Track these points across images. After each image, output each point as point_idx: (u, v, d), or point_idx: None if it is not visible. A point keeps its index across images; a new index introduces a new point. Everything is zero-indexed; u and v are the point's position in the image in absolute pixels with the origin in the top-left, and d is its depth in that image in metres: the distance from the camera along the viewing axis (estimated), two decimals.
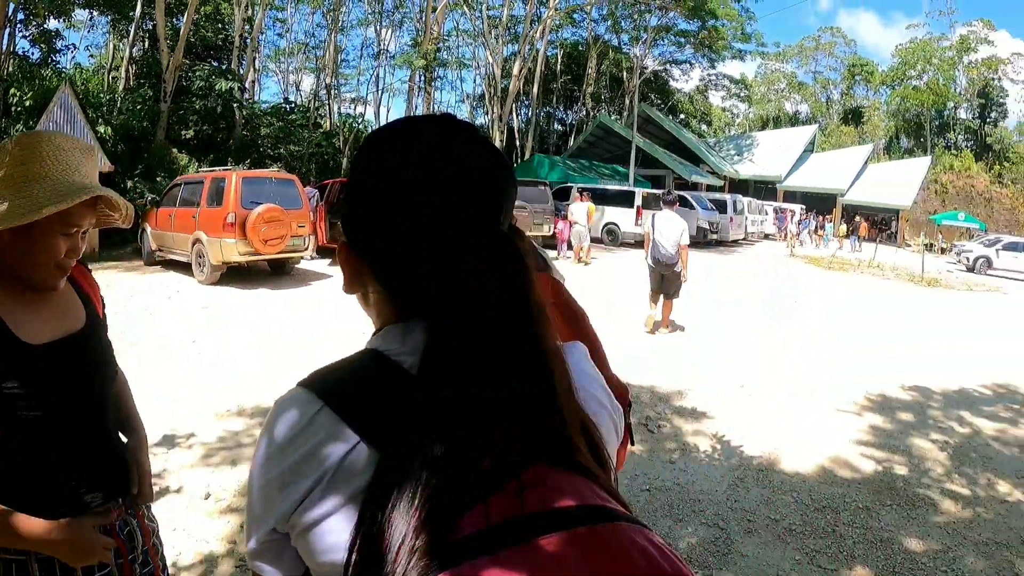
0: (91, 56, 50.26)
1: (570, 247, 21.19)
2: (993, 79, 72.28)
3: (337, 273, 15.71)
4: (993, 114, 73.84)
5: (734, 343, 11.14)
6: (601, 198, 26.62)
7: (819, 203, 48.07)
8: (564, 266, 20.04)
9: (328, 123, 42.93)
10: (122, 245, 19.34)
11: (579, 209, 20.59)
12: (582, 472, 0.83)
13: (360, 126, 44.06)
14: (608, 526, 0.75)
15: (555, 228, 20.67)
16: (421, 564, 0.71)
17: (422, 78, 38.98)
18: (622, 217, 26.35)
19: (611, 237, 26.55)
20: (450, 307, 0.89)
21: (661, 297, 11.37)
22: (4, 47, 23.31)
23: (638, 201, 25.97)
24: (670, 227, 10.88)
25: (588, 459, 0.86)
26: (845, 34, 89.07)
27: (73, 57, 35.64)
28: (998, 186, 54.92)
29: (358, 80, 55.57)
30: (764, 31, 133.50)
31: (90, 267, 1.94)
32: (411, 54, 41.28)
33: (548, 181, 21.32)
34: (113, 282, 14.26)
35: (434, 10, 38.32)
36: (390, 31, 51.25)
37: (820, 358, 10.42)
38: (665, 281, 11.15)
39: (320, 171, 30.14)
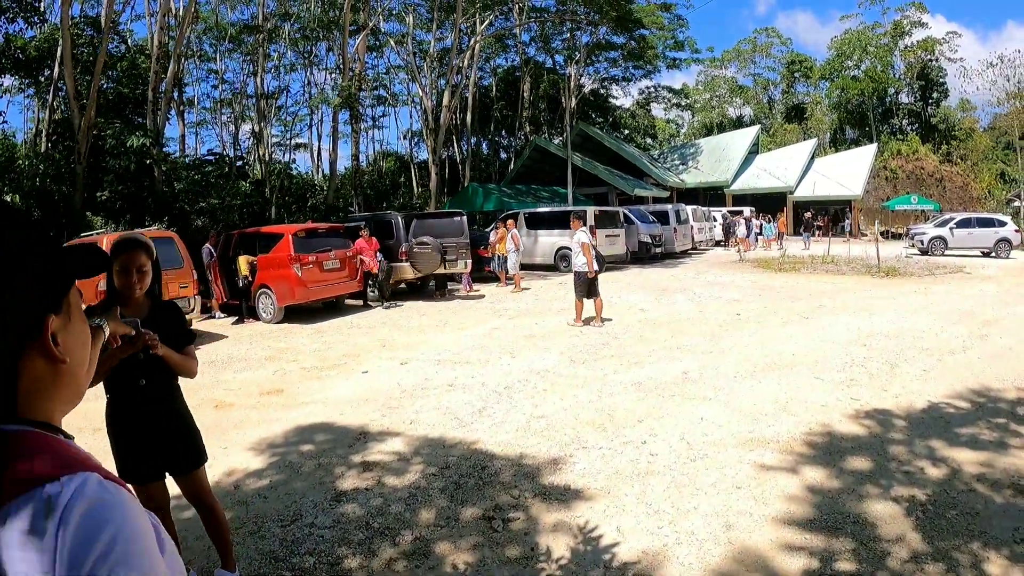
0: (4, 122, 49.97)
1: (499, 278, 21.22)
2: (931, 60, 71.86)
3: (238, 332, 14.38)
4: (935, 94, 73.32)
5: (652, 377, 9.22)
6: (545, 222, 25.52)
7: (769, 203, 47.02)
8: (495, 293, 18.96)
9: (260, 171, 41.72)
10: None
11: (518, 235, 20.56)
12: None
13: (294, 172, 43.11)
14: None
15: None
16: None
17: (351, 117, 37.61)
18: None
19: (565, 263, 24.17)
20: None
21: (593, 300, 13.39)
22: None
23: (591, 221, 24.20)
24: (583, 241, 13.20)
25: None
26: (780, 34, 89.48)
27: None
28: (948, 165, 54.30)
29: (297, 126, 54.61)
30: (701, 38, 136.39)
31: None
32: (325, 93, 40.16)
33: (463, 212, 19.84)
34: None
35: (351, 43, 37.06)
36: (325, 73, 50.26)
37: (750, 391, 8.41)
38: (593, 284, 13.25)
39: (253, 221, 28.76)
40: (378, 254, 17.41)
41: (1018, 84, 45.97)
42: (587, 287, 13.30)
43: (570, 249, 23.14)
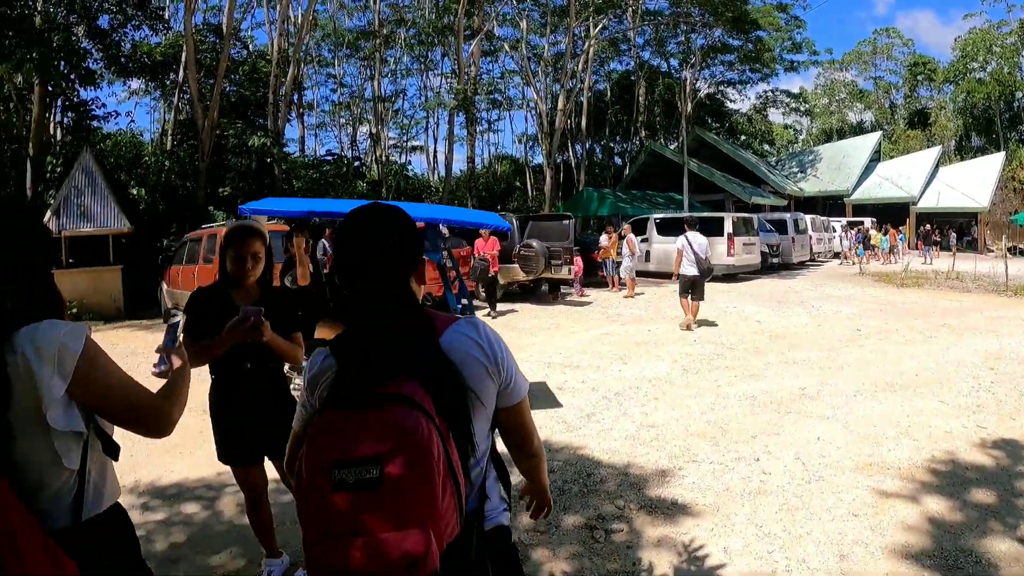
0: (132, 121, 53.21)
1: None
2: None
3: None
4: None
5: (767, 391, 8.96)
6: (672, 228, 24.34)
7: (891, 214, 44.82)
8: (606, 298, 18.88)
9: (376, 172, 42.64)
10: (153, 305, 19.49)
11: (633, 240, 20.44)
12: (433, 382, 1.76)
13: (410, 174, 43.89)
14: (397, 407, 1.66)
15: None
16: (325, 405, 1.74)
17: (466, 120, 38.05)
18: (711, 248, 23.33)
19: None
20: (353, 309, 1.95)
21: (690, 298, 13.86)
22: (47, 119, 25.51)
23: (729, 228, 23.59)
24: (699, 243, 13.80)
25: (437, 379, 1.79)
26: (901, 34, 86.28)
27: (115, 123, 37.19)
28: None
29: (413, 129, 55.63)
30: (820, 40, 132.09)
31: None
32: (441, 96, 40.77)
33: (573, 215, 19.78)
34: (122, 340, 14.31)
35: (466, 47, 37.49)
36: (440, 78, 51.15)
37: (869, 412, 8.04)
38: (695, 286, 13.79)
39: None
40: (475, 256, 17.23)
41: None
42: (687, 287, 13.87)
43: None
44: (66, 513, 2.04)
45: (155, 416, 2.21)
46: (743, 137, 64.65)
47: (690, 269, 13.67)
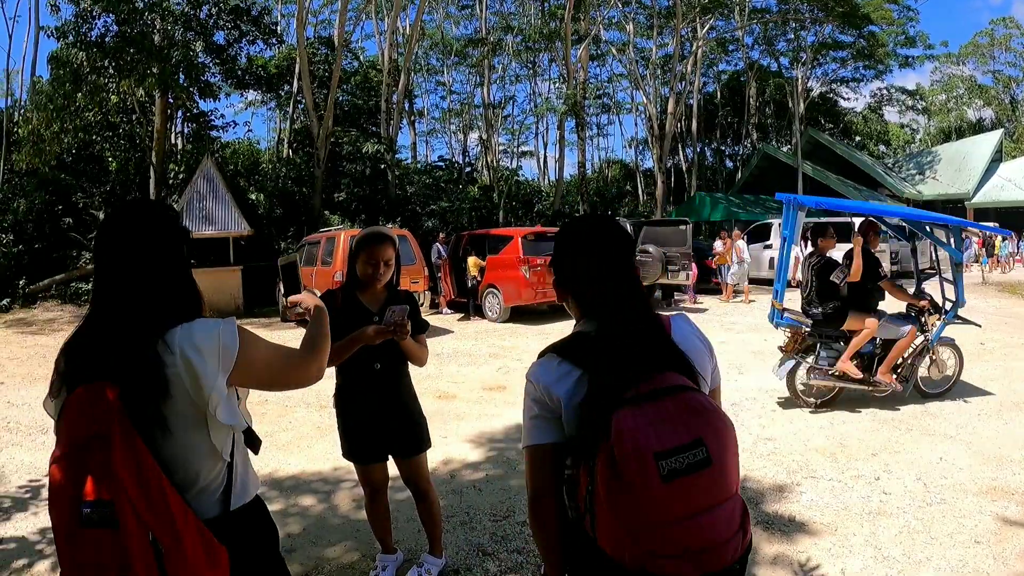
0: (249, 131, 55.22)
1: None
2: None
3: (464, 329, 14.74)
4: None
5: (886, 408, 8.59)
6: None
7: (1016, 219, 41.50)
8: (720, 306, 18.59)
9: (487, 177, 43.10)
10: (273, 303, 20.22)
11: (743, 247, 20.25)
12: (683, 373, 1.93)
13: (521, 179, 44.26)
14: (688, 394, 1.82)
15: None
16: (605, 408, 1.78)
17: (576, 125, 38.13)
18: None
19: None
20: (603, 309, 2.04)
21: None
22: (169, 129, 26.92)
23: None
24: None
25: (684, 369, 1.96)
26: (1020, 24, 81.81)
27: (234, 133, 38.91)
28: None
29: (523, 134, 56.10)
30: (934, 32, 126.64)
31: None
32: (551, 102, 40.91)
33: (690, 220, 19.55)
34: None
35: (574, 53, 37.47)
36: (549, 83, 51.46)
37: (995, 432, 7.64)
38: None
39: (481, 224, 30.28)
40: None
41: None
42: None
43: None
44: (216, 504, 2.14)
45: (304, 369, 2.34)
46: (858, 138, 62.91)
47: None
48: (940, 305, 8.91)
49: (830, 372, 8.30)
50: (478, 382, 10.38)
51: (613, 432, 1.73)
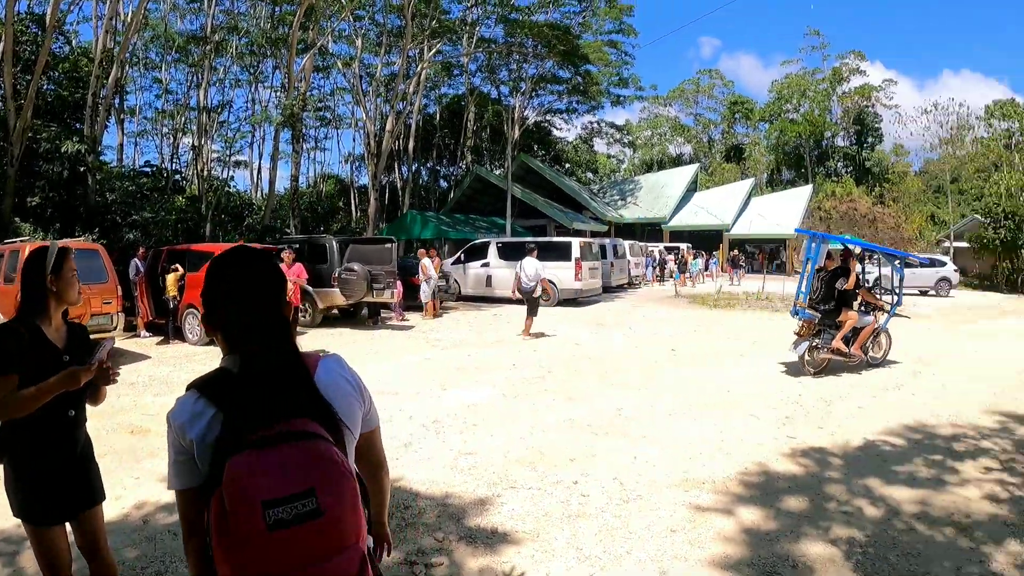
0: None
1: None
2: (867, 106, 75.37)
3: (162, 353, 13.73)
4: (870, 139, 76.88)
5: (585, 414, 8.95)
6: (523, 250, 24.17)
7: (706, 240, 48.43)
8: (427, 322, 18.77)
9: (197, 187, 40.75)
10: None
11: (428, 264, 20.28)
12: (319, 419, 1.83)
13: (232, 189, 42.46)
14: (313, 442, 1.73)
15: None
16: (227, 451, 1.69)
17: (292, 137, 36.97)
18: (559, 273, 23.08)
19: (546, 296, 21.57)
20: (246, 346, 1.92)
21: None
22: None
23: (576, 253, 23.47)
24: (531, 268, 16.32)
25: (321, 415, 1.85)
26: (723, 76, 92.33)
27: None
28: (880, 207, 56.29)
29: (238, 143, 53.68)
30: (647, 76, 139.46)
31: None
32: (268, 112, 39.66)
33: (394, 238, 19.17)
34: None
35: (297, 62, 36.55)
36: (270, 91, 49.60)
37: (685, 430, 8.20)
38: (528, 304, 16.27)
39: (188, 238, 28.32)
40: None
41: (950, 131, 47.87)
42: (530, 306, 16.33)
43: (553, 283, 22.51)
44: None
45: None
46: (568, 165, 66.26)
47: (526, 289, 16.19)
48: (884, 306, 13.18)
49: (828, 349, 11.68)
50: None
51: (225, 476, 1.67)
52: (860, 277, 12.43)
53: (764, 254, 50.35)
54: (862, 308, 12.45)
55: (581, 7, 49.37)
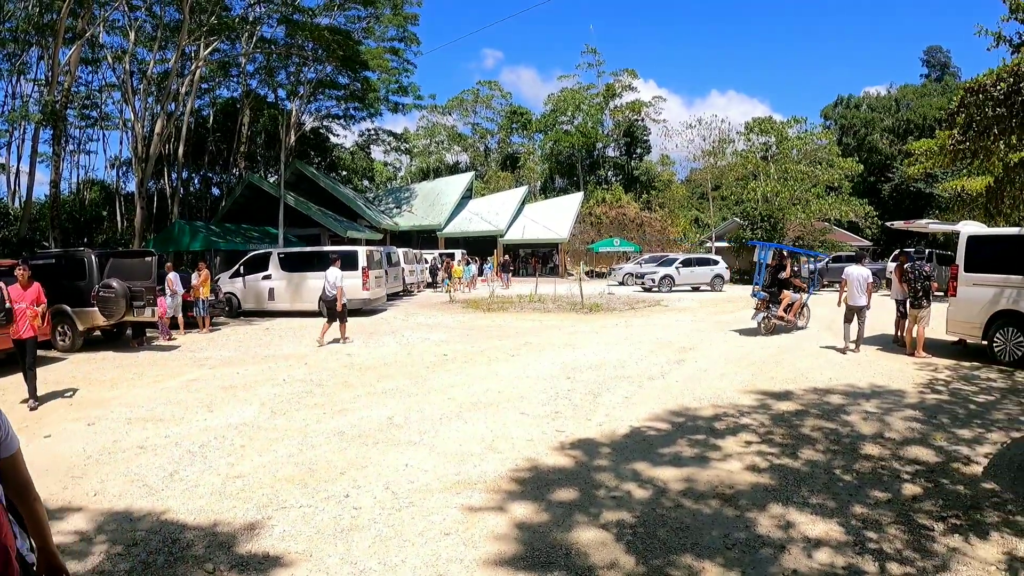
0: None
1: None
2: (637, 120, 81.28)
3: None
4: (639, 150, 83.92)
5: (355, 425, 8.81)
6: (307, 262, 23.52)
7: (481, 246, 49.81)
8: (196, 340, 17.91)
9: None
10: None
11: (174, 278, 19.17)
12: None
13: None
14: None
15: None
16: None
17: (53, 137, 33.90)
18: (346, 283, 20.48)
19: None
20: None
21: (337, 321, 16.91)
22: None
23: (363, 262, 23.02)
24: (332, 276, 17.10)
25: None
26: (502, 87, 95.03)
27: None
28: (647, 212, 60.50)
29: None
30: (428, 86, 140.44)
31: None
32: (27, 108, 36.34)
33: (154, 252, 17.81)
34: None
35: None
36: (33, 84, 44.87)
37: (456, 432, 8.21)
38: (329, 311, 17.01)
39: None
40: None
41: (713, 143, 51.70)
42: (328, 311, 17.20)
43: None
44: None
45: None
46: (344, 172, 65.83)
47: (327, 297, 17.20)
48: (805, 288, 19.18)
49: (775, 316, 17.12)
50: None
51: None
52: (792, 270, 17.79)
53: (537, 259, 52.21)
54: (793, 290, 17.59)
55: (367, 12, 49.27)
